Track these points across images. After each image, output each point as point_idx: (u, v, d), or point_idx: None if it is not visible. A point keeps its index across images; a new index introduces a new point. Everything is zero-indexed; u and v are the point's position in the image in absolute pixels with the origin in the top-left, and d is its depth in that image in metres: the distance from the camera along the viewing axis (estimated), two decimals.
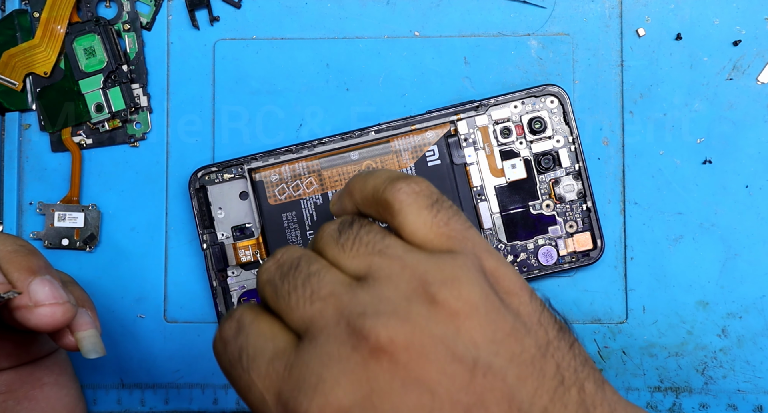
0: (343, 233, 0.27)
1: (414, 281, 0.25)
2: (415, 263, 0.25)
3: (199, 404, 0.39)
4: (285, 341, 0.25)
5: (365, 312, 0.24)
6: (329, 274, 0.26)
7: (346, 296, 0.25)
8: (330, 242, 0.27)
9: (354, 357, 0.23)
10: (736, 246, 0.38)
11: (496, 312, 0.24)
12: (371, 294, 0.24)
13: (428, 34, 0.39)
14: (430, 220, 0.26)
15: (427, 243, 0.26)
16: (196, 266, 0.39)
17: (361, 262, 0.26)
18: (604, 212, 0.38)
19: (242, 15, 0.39)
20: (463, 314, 0.24)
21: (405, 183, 0.27)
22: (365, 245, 0.26)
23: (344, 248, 0.26)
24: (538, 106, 0.38)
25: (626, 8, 0.38)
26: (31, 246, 0.31)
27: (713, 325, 0.38)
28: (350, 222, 0.27)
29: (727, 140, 0.38)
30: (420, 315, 0.24)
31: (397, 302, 0.24)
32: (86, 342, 0.31)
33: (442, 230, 0.26)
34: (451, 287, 0.24)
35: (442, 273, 0.25)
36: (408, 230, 0.26)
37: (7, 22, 0.39)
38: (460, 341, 0.24)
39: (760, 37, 0.38)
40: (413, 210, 0.26)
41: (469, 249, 0.26)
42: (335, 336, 0.24)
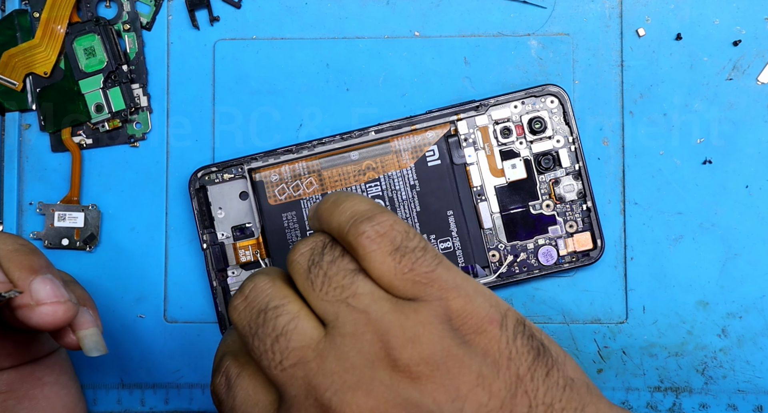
0: (313, 267, 0.27)
1: (376, 343, 0.25)
2: (379, 319, 0.26)
3: (199, 404, 0.39)
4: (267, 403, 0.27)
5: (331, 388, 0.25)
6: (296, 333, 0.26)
7: (313, 365, 0.25)
8: (301, 275, 0.27)
9: None
10: (736, 246, 0.38)
11: (458, 366, 0.25)
12: (338, 359, 0.25)
13: (428, 34, 0.39)
14: (393, 267, 0.26)
15: (393, 288, 0.27)
16: (196, 266, 0.39)
17: (328, 308, 0.26)
18: (604, 212, 0.38)
19: (242, 15, 0.39)
20: (423, 377, 0.25)
21: (369, 226, 0.27)
22: (334, 288, 0.27)
23: (314, 286, 0.27)
24: (538, 106, 0.38)
25: (626, 8, 0.39)
26: (32, 245, 0.31)
27: (713, 325, 0.38)
28: (321, 251, 0.28)
29: (727, 140, 0.38)
30: (383, 384, 0.25)
31: (361, 371, 0.25)
32: (88, 340, 0.31)
33: (407, 276, 0.26)
34: (411, 349, 0.25)
35: (403, 333, 0.25)
36: (375, 275, 0.27)
37: (7, 22, 0.39)
38: (424, 404, 0.24)
39: (760, 37, 0.38)
40: (377, 257, 0.27)
41: (434, 294, 0.26)
42: (305, 410, 0.25)
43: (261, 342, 0.26)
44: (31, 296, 0.29)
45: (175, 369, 0.39)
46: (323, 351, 0.26)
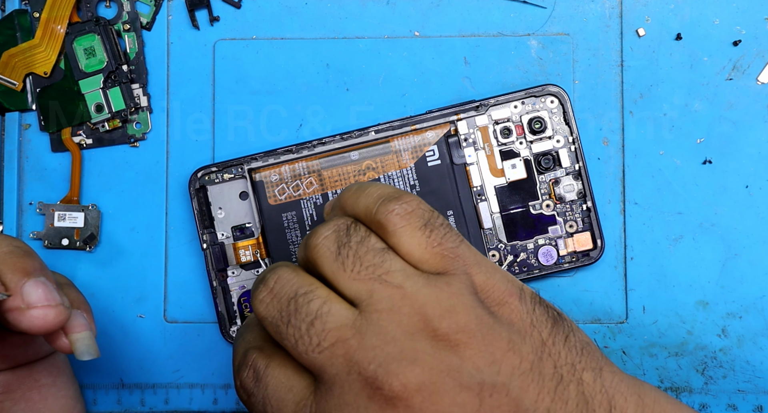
0: (342, 248, 0.28)
1: (415, 315, 0.26)
2: (415, 293, 0.26)
3: (199, 404, 0.39)
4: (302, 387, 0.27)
5: (375, 359, 0.25)
6: (331, 314, 0.26)
7: (353, 342, 0.26)
8: (328, 257, 0.28)
9: (371, 407, 0.25)
10: (736, 246, 0.38)
11: (492, 333, 0.26)
12: (377, 334, 0.26)
13: (428, 34, 0.39)
14: (424, 241, 0.28)
15: (422, 263, 0.28)
16: (196, 266, 0.39)
17: (362, 287, 0.27)
18: (604, 212, 0.38)
19: (242, 15, 0.39)
20: (462, 344, 0.25)
21: (397, 204, 0.28)
22: (366, 267, 0.27)
23: (344, 266, 0.27)
24: (538, 106, 0.38)
25: (626, 8, 0.39)
26: (27, 247, 0.31)
27: (713, 325, 0.38)
28: (347, 232, 0.28)
29: (727, 140, 0.38)
30: (426, 353, 0.25)
31: (402, 343, 0.25)
32: (80, 344, 0.30)
33: (436, 250, 0.28)
34: (449, 319, 0.26)
35: (440, 305, 0.26)
36: (404, 251, 0.28)
37: (7, 22, 0.39)
38: (464, 369, 0.25)
39: (760, 37, 0.38)
40: (407, 232, 0.28)
41: (461, 267, 0.27)
42: (349, 386, 0.25)
43: (295, 328, 0.27)
44: (23, 299, 0.29)
45: (175, 369, 0.39)
46: (361, 327, 0.26)
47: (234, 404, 0.39)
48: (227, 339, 0.38)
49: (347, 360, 0.26)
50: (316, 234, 0.28)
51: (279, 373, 0.28)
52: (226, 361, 0.39)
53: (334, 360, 0.26)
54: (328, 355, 0.26)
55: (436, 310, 0.26)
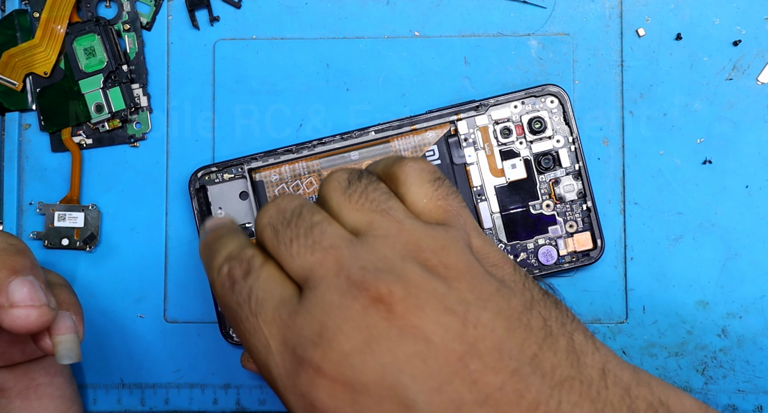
0: (351, 184, 0.28)
1: (409, 245, 0.26)
2: (412, 229, 0.27)
3: (199, 404, 0.39)
4: (290, 288, 0.27)
5: (365, 266, 0.25)
6: (331, 226, 0.27)
7: (346, 250, 0.26)
8: (337, 190, 0.28)
9: (354, 306, 0.25)
10: (736, 246, 0.38)
11: (482, 277, 0.26)
12: (370, 251, 0.26)
13: (428, 34, 0.39)
14: (430, 193, 0.29)
15: (425, 213, 0.29)
16: (196, 266, 0.39)
17: (363, 217, 0.27)
18: (604, 212, 0.38)
19: (242, 15, 0.39)
20: (451, 277, 0.26)
21: (412, 160, 0.29)
22: (370, 201, 0.28)
23: (350, 199, 0.28)
24: (538, 106, 0.38)
25: (626, 8, 0.39)
26: (21, 245, 0.31)
27: (713, 325, 0.38)
28: (359, 175, 0.29)
29: (727, 140, 0.38)
30: (415, 273, 0.25)
31: (393, 261, 0.26)
32: (61, 347, 0.30)
33: (440, 203, 0.29)
34: (441, 254, 0.26)
35: (434, 242, 0.27)
36: (410, 200, 0.29)
37: (7, 22, 0.39)
38: (451, 296, 0.25)
39: (760, 37, 0.38)
40: (416, 182, 0.29)
41: (461, 225, 0.28)
42: (336, 287, 0.25)
43: (293, 230, 0.27)
44: (7, 297, 0.28)
45: (175, 369, 0.39)
46: (356, 244, 0.26)
47: (234, 404, 0.39)
48: (227, 339, 0.38)
49: (337, 264, 0.26)
50: (332, 173, 0.29)
51: (274, 271, 0.27)
52: (226, 361, 0.39)
53: (324, 263, 0.26)
54: (319, 257, 0.26)
55: (430, 245, 0.26)
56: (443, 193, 0.29)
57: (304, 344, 0.25)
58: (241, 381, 0.39)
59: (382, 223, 0.27)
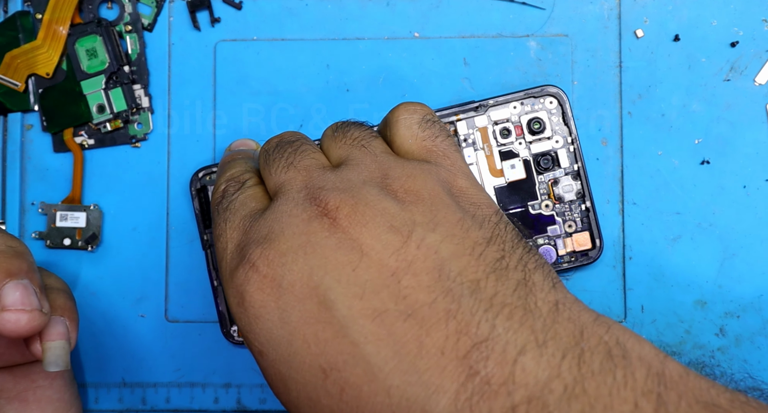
0: (342, 125, 0.31)
1: (377, 172, 0.28)
2: (385, 160, 0.28)
3: (200, 403, 0.39)
4: (263, 203, 0.29)
5: (324, 186, 0.27)
6: (313, 155, 0.29)
7: (316, 172, 0.28)
8: (327, 134, 0.31)
9: (302, 215, 0.26)
10: (733, 246, 0.38)
11: (444, 206, 0.26)
12: (336, 175, 0.28)
13: (428, 35, 0.39)
14: (418, 133, 0.30)
15: (409, 153, 0.30)
16: (197, 265, 0.39)
17: (343, 152, 0.30)
18: (603, 212, 0.38)
19: (243, 16, 0.40)
20: (408, 201, 0.26)
21: (408, 103, 0.31)
22: (352, 139, 0.30)
23: (335, 139, 0.30)
24: (537, 106, 0.38)
25: (624, 9, 0.39)
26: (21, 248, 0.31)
27: (711, 324, 0.38)
28: (349, 121, 0.31)
29: (725, 141, 0.38)
30: (369, 194, 0.26)
31: (353, 184, 0.27)
32: (50, 353, 0.30)
33: (425, 143, 0.30)
34: (405, 181, 0.27)
35: (402, 171, 0.28)
36: (397, 142, 0.30)
37: (9, 23, 0.39)
38: (400, 216, 0.26)
39: (757, 39, 0.38)
40: (405, 123, 0.30)
41: (445, 165, 0.29)
42: (293, 200, 0.27)
43: (281, 152, 0.30)
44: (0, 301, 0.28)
45: (176, 368, 0.39)
46: (328, 170, 0.28)
47: (235, 403, 0.39)
48: (228, 339, 0.38)
49: (303, 182, 0.28)
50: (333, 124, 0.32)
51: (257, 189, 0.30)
52: (227, 360, 0.39)
53: (293, 181, 0.28)
54: (291, 174, 0.28)
55: (396, 172, 0.27)
56: (431, 134, 0.30)
57: (250, 244, 0.27)
58: (241, 380, 0.39)
59: (358, 155, 0.29)
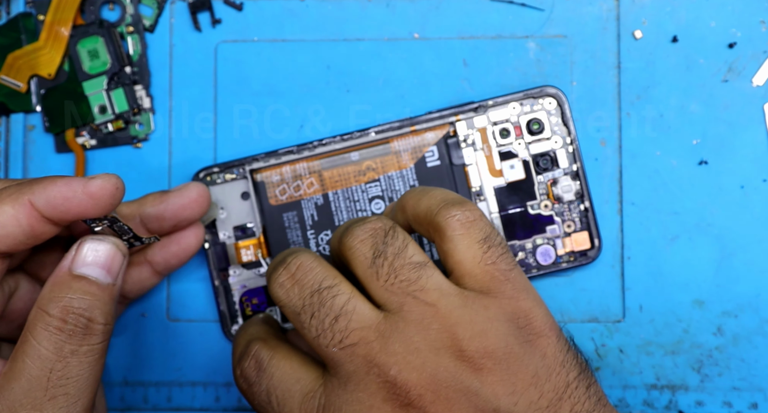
0: (378, 258, 0.27)
1: (444, 332, 0.26)
2: (447, 313, 0.26)
3: (201, 401, 0.40)
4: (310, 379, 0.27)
5: (397, 364, 0.25)
6: (356, 314, 0.26)
7: (376, 345, 0.25)
8: (362, 262, 0.27)
9: (384, 408, 0.25)
10: (731, 246, 0.38)
11: (518, 364, 0.25)
12: (402, 342, 0.25)
13: (428, 36, 0.39)
14: (480, 255, 0.27)
15: (470, 277, 0.27)
16: (198, 265, 0.39)
17: (393, 298, 0.26)
18: (602, 212, 0.39)
19: (244, 17, 0.40)
20: (486, 369, 0.25)
21: (460, 210, 0.28)
22: (400, 281, 0.26)
23: (378, 275, 0.27)
24: (536, 107, 0.38)
25: (623, 11, 0.39)
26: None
27: (709, 324, 0.38)
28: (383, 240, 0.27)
29: (723, 141, 0.38)
30: (447, 371, 0.25)
31: (426, 355, 0.25)
32: None
33: (488, 268, 0.27)
34: (478, 342, 0.25)
35: (472, 328, 0.26)
36: (455, 259, 0.27)
37: (11, 24, 0.39)
38: (483, 394, 0.25)
39: (755, 40, 0.38)
40: (464, 241, 0.27)
41: (508, 292, 0.27)
42: (366, 385, 0.25)
43: (318, 321, 0.26)
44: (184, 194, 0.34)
45: (178, 367, 0.40)
46: (385, 332, 0.26)
47: (236, 401, 0.39)
48: (228, 338, 0.38)
49: (367, 361, 0.25)
50: (352, 235, 0.28)
51: (285, 364, 0.27)
52: (227, 359, 0.39)
53: (353, 358, 0.26)
54: (348, 352, 0.26)
55: (467, 331, 0.26)
56: (493, 256, 0.27)
57: None
58: None
59: (414, 307, 0.26)
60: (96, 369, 0.27)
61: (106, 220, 0.29)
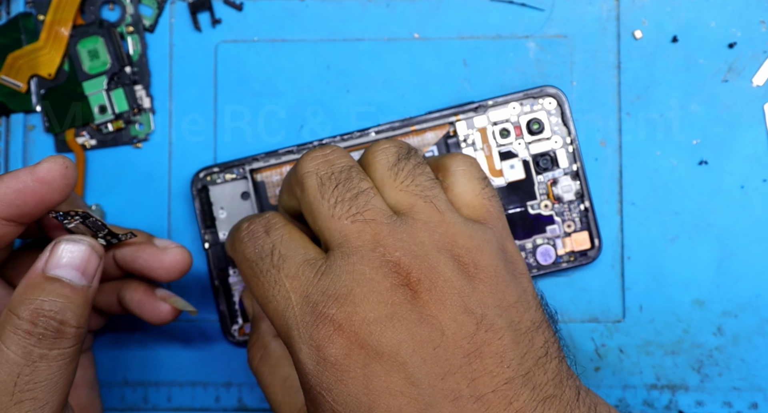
0: (399, 161, 0.29)
1: (447, 237, 0.27)
2: (452, 222, 0.28)
3: (201, 401, 0.40)
4: (316, 251, 0.28)
5: (402, 248, 0.26)
6: (375, 198, 0.28)
7: (386, 227, 0.27)
8: (383, 164, 0.29)
9: (384, 283, 0.26)
10: (731, 246, 0.38)
11: (506, 284, 0.27)
12: (409, 234, 0.27)
13: (428, 36, 0.39)
14: (478, 190, 0.30)
15: (467, 208, 0.29)
16: (198, 265, 0.39)
17: (405, 198, 0.28)
18: (602, 212, 0.39)
19: (244, 17, 0.40)
20: (478, 279, 0.27)
21: (463, 154, 0.31)
22: (416, 184, 0.29)
23: (396, 176, 0.29)
24: (536, 107, 0.38)
25: (623, 11, 0.39)
26: None
27: (709, 324, 0.38)
28: (407, 153, 0.29)
29: (723, 141, 0.38)
30: (446, 268, 0.26)
31: (429, 251, 0.27)
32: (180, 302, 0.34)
33: (484, 202, 0.30)
34: (474, 254, 0.27)
35: (470, 240, 0.28)
36: (456, 191, 0.30)
37: (11, 24, 0.39)
38: (474, 298, 0.26)
39: (755, 40, 0.38)
40: (466, 175, 0.30)
41: (498, 229, 0.29)
42: (369, 260, 0.26)
43: (340, 191, 0.28)
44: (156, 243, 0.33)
45: (178, 367, 0.40)
46: (395, 223, 0.27)
47: (236, 401, 0.39)
48: (228, 338, 0.38)
49: (375, 240, 0.27)
50: (379, 144, 0.30)
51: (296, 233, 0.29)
52: (227, 359, 0.39)
53: (362, 234, 0.27)
54: (359, 226, 0.27)
55: (466, 243, 0.27)
56: (489, 193, 0.30)
57: (326, 302, 0.26)
58: (242, 379, 0.39)
59: (424, 209, 0.28)
60: (67, 373, 0.27)
61: (78, 216, 0.29)
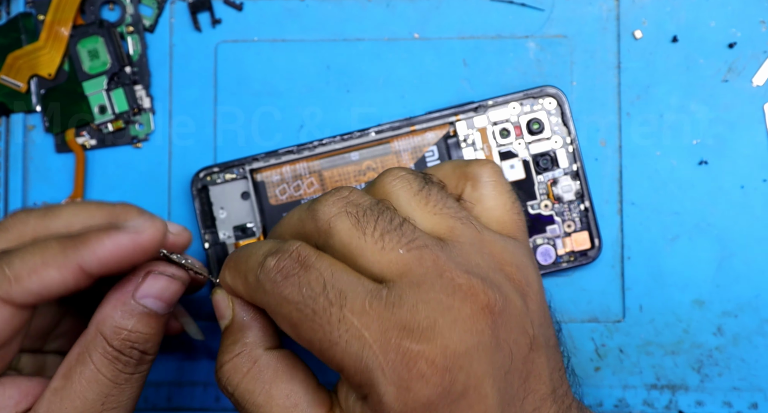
0: (423, 188, 0.28)
1: (494, 257, 0.27)
2: (492, 240, 0.27)
3: (201, 402, 0.40)
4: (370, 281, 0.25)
5: (466, 272, 0.25)
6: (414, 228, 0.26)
7: (442, 252, 0.26)
8: (408, 191, 0.27)
9: (464, 309, 0.25)
10: (731, 246, 0.38)
11: (542, 300, 0.28)
12: (463, 257, 0.26)
13: (428, 36, 0.39)
14: (510, 204, 0.29)
15: (498, 223, 0.29)
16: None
17: (443, 221, 0.27)
18: (602, 212, 0.39)
19: (244, 17, 0.40)
20: (527, 296, 0.27)
21: (492, 163, 0.30)
22: (447, 207, 0.27)
23: (426, 202, 0.27)
24: (536, 107, 0.38)
25: (623, 11, 0.39)
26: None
27: (709, 324, 0.38)
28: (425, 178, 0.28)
29: (723, 141, 0.38)
30: (507, 287, 0.26)
31: (486, 271, 0.26)
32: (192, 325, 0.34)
33: (514, 217, 0.29)
34: (523, 271, 0.27)
35: (514, 258, 0.27)
36: (487, 205, 0.29)
37: (11, 24, 0.39)
38: (527, 317, 0.26)
39: (755, 40, 0.38)
40: (497, 189, 0.29)
41: (527, 242, 0.30)
42: (442, 287, 0.25)
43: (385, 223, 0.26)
44: None
45: (178, 367, 0.40)
46: (447, 248, 0.26)
47: None
48: None
49: (437, 265, 0.25)
50: (392, 174, 0.28)
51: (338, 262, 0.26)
52: None
53: (422, 261, 0.25)
54: (417, 255, 0.25)
55: (511, 260, 0.27)
56: (518, 209, 0.30)
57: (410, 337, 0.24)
58: None
59: (465, 231, 0.27)
60: (139, 390, 0.29)
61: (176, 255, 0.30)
